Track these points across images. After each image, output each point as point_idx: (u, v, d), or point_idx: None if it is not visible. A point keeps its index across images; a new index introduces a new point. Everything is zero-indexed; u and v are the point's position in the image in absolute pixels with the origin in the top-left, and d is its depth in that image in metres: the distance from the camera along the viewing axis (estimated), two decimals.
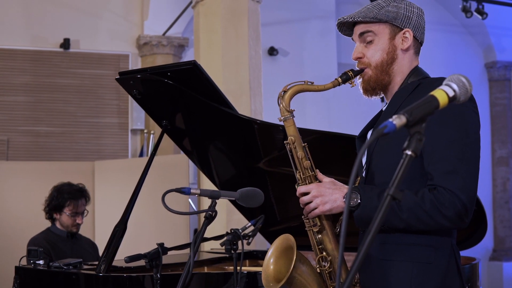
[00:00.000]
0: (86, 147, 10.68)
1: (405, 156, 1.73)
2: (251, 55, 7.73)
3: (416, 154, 1.73)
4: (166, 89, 4.47)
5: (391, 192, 1.68)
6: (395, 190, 1.68)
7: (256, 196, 3.11)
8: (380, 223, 1.70)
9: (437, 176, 2.80)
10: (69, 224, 6.06)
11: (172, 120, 4.84)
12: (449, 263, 2.93)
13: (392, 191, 1.68)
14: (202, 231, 2.85)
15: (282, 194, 5.25)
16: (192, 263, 2.75)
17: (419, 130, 1.74)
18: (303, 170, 3.13)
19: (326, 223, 3.12)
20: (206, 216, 2.88)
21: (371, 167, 3.07)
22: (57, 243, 6.05)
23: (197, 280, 4.40)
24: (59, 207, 6.07)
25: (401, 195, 1.69)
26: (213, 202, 2.92)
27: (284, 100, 3.15)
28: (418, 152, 1.73)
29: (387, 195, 1.68)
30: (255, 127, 4.63)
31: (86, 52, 10.85)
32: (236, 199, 3.01)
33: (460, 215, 2.78)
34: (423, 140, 1.76)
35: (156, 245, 3.68)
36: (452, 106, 2.83)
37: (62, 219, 6.08)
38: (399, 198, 1.69)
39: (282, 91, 3.17)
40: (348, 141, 4.38)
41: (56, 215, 6.10)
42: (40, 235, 6.15)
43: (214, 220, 3.05)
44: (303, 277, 3.08)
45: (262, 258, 5.55)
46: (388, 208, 1.68)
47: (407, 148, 1.73)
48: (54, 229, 6.13)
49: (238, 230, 4.00)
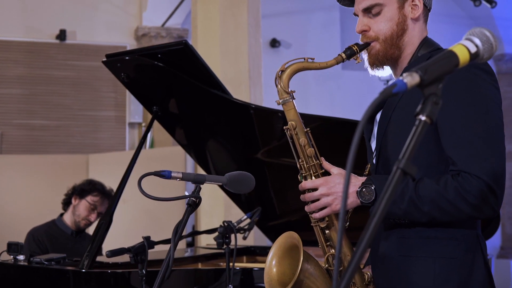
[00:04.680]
0: (82, 141, 10.46)
1: (418, 122, 1.42)
2: (250, 43, 7.45)
3: (432, 120, 1.41)
4: (156, 72, 4.25)
5: (401, 165, 1.36)
6: (406, 163, 1.36)
7: (246, 180, 2.77)
8: (388, 203, 1.38)
9: (460, 161, 2.49)
10: (82, 215, 5.79)
11: (163, 106, 4.60)
12: (475, 256, 2.63)
13: (402, 164, 1.36)
14: (184, 220, 2.52)
15: (282, 186, 5.02)
16: (172, 255, 2.42)
17: (435, 92, 1.43)
18: (306, 159, 2.81)
19: (334, 218, 2.81)
20: (189, 203, 2.55)
21: (383, 152, 2.75)
22: (59, 238, 5.82)
23: (186, 277, 4.13)
24: (84, 192, 5.84)
25: (414, 170, 1.38)
26: (197, 187, 2.60)
27: (282, 81, 2.83)
28: (434, 118, 1.41)
29: (397, 169, 1.36)
30: (251, 113, 4.36)
31: (83, 43, 10.63)
32: (223, 184, 2.68)
33: (489, 203, 2.47)
34: (440, 105, 1.44)
35: (142, 238, 3.39)
36: (469, 80, 2.54)
37: (80, 206, 5.81)
38: (412, 174, 1.38)
39: (280, 71, 2.86)
40: (355, 127, 4.08)
41: (75, 200, 5.82)
42: (42, 227, 5.92)
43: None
44: (312, 280, 2.76)
45: (261, 254, 5.34)
46: (398, 185, 1.36)
47: (421, 112, 1.42)
48: (60, 223, 5.87)
49: (231, 223, 3.70)
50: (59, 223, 5.89)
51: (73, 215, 5.83)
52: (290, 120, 2.85)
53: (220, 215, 7.07)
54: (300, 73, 2.88)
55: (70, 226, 5.85)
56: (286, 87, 2.82)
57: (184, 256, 5.19)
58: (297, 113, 2.84)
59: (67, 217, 5.87)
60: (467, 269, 2.59)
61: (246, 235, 4.38)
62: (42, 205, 7.84)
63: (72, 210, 5.84)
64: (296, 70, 2.84)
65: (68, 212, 5.89)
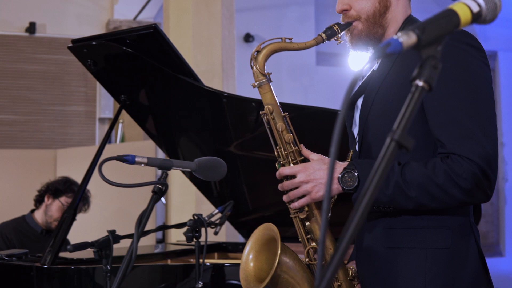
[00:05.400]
0: (51, 136, 10.23)
1: (414, 88, 1.23)
2: (224, 35, 7.27)
3: (430, 86, 1.23)
4: (124, 59, 4.08)
5: (396, 136, 1.17)
6: (402, 134, 1.17)
7: (217, 166, 2.58)
8: (380, 182, 1.19)
9: (449, 142, 2.31)
10: (54, 216, 5.60)
11: (131, 95, 4.42)
12: (469, 246, 2.47)
13: (398, 135, 1.17)
14: (148, 209, 2.32)
15: (255, 181, 4.87)
16: (135, 247, 2.22)
17: (434, 54, 1.24)
18: (284, 145, 2.63)
19: (315, 207, 2.62)
20: (155, 190, 2.35)
21: (366, 138, 2.57)
22: (27, 235, 5.63)
23: (154, 273, 3.93)
24: (59, 192, 5.63)
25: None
26: (163, 173, 2.40)
27: (258, 62, 2.66)
28: (432, 84, 1.23)
29: (391, 140, 1.17)
30: (224, 102, 4.17)
31: (53, 37, 10.37)
32: (192, 170, 2.48)
33: (482, 187, 2.30)
34: (439, 69, 1.25)
35: (107, 232, 3.19)
36: (458, 57, 2.37)
37: (53, 206, 5.62)
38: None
39: (255, 52, 2.69)
40: (332, 117, 3.93)
41: (48, 199, 5.62)
42: (11, 223, 5.73)
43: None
44: (290, 275, 2.58)
45: (233, 250, 5.16)
46: (392, 159, 1.18)
47: (418, 77, 1.23)
48: (30, 220, 5.67)
49: (201, 216, 3.51)
50: (29, 220, 5.68)
51: (45, 215, 5.62)
52: (266, 104, 2.67)
53: (191, 212, 6.82)
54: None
55: (41, 224, 5.64)
56: (262, 68, 2.65)
57: (153, 252, 5.00)
58: (274, 97, 2.67)
59: (38, 215, 5.66)
60: (460, 259, 2.43)
61: (217, 230, 4.20)
62: (8, 201, 7.71)
63: (45, 209, 5.64)
64: (273, 51, 2.67)
65: (40, 210, 5.68)
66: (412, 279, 2.43)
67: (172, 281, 3.96)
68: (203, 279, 3.43)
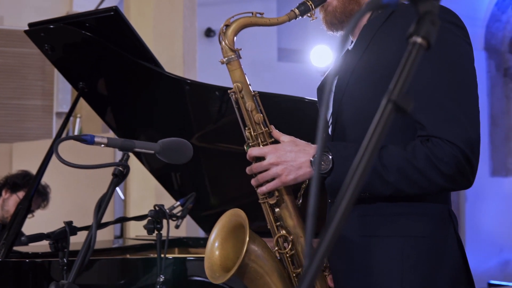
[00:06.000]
0: (7, 131, 10.06)
1: (411, 46, 1.09)
2: (185, 26, 7.13)
3: (429, 44, 1.09)
4: (83, 43, 3.91)
5: (394, 96, 1.03)
6: (401, 95, 1.03)
7: (182, 148, 2.43)
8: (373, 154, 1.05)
9: (430, 124, 2.18)
10: (10, 211, 5.41)
11: (90, 82, 4.24)
12: (448, 234, 2.33)
13: (396, 95, 1.03)
14: (109, 193, 2.16)
15: (218, 174, 4.73)
16: (95, 233, 2.06)
17: (432, 9, 1.11)
18: (254, 126, 2.48)
19: (285, 193, 2.47)
20: (115, 173, 2.19)
21: (340, 121, 2.43)
22: None
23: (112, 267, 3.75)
24: (16, 187, 5.42)
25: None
26: (124, 155, 2.24)
27: (227, 37, 2.52)
28: (431, 41, 1.09)
29: (388, 101, 1.03)
30: (187, 89, 4.02)
31: (10, 29, 10.18)
32: (156, 152, 2.32)
33: (464, 173, 2.17)
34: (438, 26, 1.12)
35: (63, 223, 3.03)
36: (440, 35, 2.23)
37: (10, 201, 5.45)
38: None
39: (224, 26, 2.56)
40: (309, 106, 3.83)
41: (6, 193, 5.43)
42: None
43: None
44: (259, 264, 2.44)
45: (194, 246, 5.00)
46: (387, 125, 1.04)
47: (415, 33, 1.09)
48: None
49: (163, 207, 3.34)
50: None
51: (1, 210, 5.44)
52: (235, 81, 2.53)
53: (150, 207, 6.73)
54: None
55: None
56: (231, 44, 2.52)
57: (111, 247, 4.83)
58: (244, 74, 2.54)
59: None
60: (439, 248, 2.30)
61: (178, 223, 4.03)
62: None
63: (1, 204, 5.46)
64: (243, 25, 2.54)
65: None
66: (388, 269, 2.29)
67: (133, 276, 3.79)
68: (165, 274, 3.26)
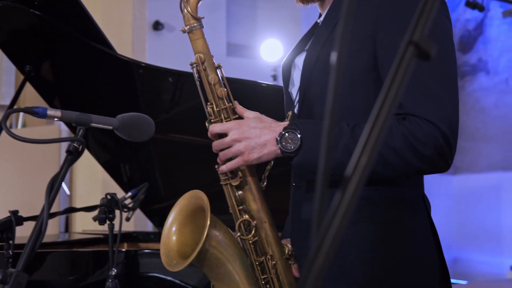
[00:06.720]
0: None
1: None
2: (135, 15, 6.93)
3: None
4: (31, 23, 3.73)
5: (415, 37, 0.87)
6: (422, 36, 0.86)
7: (143, 124, 2.21)
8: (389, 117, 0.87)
9: (408, 101, 2.03)
10: None
11: (38, 65, 4.03)
12: (421, 220, 2.22)
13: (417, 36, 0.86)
14: (62, 172, 1.94)
15: (170, 165, 4.57)
16: (46, 216, 1.84)
17: None
18: (217, 101, 2.30)
19: (249, 174, 2.30)
20: (70, 150, 1.97)
21: (308, 97, 2.27)
22: None
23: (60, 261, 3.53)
24: None
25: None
26: (79, 130, 2.02)
27: (190, 4, 2.32)
28: None
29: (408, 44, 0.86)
30: (140, 73, 3.81)
31: None
32: (114, 128, 2.10)
33: (443, 154, 2.02)
34: None
35: (9, 212, 2.81)
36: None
37: None
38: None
39: None
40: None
41: None
42: None
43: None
44: (220, 250, 2.26)
45: (144, 240, 4.80)
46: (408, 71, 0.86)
47: None
48: None
49: (115, 195, 3.14)
50: None
51: None
52: (197, 52, 2.37)
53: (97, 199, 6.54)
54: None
55: None
56: (194, 11, 2.32)
57: (57, 241, 4.60)
58: (207, 44, 2.38)
59: None
60: (413, 235, 2.19)
61: (129, 215, 3.85)
62: None
63: None
64: None
65: None
66: (358, 257, 2.16)
67: (84, 270, 3.58)
68: (117, 268, 3.05)
